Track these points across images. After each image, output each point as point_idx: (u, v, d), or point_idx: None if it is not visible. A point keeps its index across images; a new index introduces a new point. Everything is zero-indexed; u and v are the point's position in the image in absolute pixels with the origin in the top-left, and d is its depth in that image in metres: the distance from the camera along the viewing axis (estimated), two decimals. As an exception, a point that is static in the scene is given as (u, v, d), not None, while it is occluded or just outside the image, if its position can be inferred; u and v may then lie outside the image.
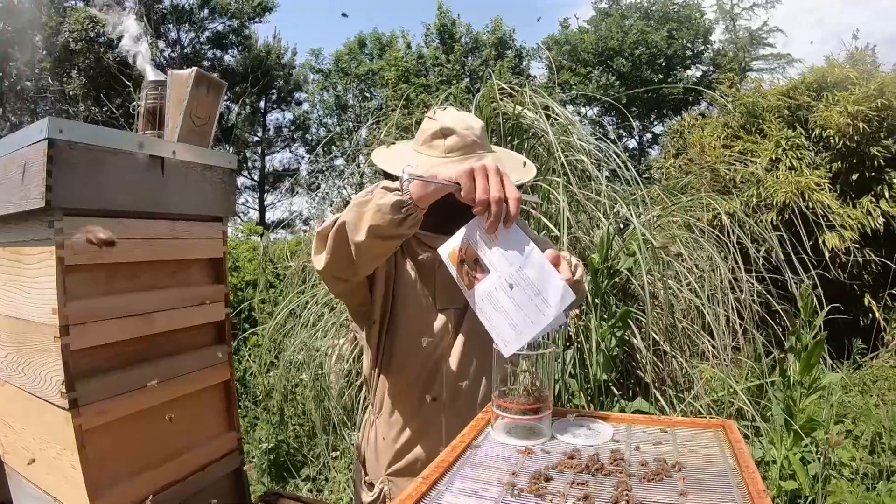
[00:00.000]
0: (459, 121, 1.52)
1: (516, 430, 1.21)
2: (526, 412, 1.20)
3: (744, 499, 0.94)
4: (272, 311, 5.21)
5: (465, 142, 1.49)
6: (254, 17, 20.96)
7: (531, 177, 1.56)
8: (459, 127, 1.50)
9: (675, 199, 4.18)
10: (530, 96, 3.52)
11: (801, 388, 2.88)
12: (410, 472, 1.62)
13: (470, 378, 1.60)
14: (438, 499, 0.96)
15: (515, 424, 1.21)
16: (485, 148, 1.54)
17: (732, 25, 19.94)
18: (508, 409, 1.21)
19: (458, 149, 1.49)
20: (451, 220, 1.41)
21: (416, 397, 1.61)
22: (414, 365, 1.61)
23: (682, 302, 3.36)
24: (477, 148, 1.51)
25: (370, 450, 1.73)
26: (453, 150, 1.49)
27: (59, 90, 15.18)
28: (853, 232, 6.04)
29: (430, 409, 1.61)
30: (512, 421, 1.21)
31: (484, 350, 1.60)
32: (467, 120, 1.54)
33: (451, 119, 1.52)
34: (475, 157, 1.47)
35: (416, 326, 1.61)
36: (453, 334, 1.61)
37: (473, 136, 1.50)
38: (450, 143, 1.49)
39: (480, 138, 1.52)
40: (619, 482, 1.00)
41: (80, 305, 1.29)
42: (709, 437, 1.22)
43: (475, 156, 1.48)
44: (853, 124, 6.21)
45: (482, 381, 1.62)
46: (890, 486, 2.68)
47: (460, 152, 1.49)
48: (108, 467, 1.34)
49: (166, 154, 1.50)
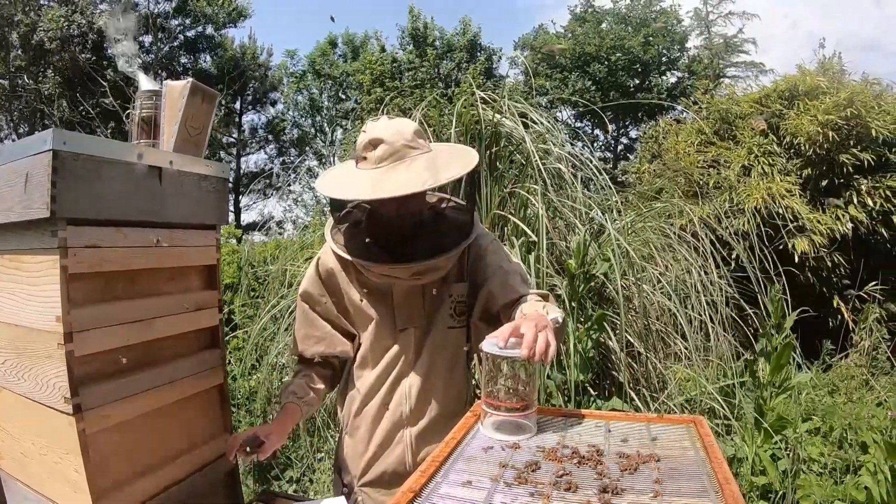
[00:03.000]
0: (389, 128, 1.54)
1: (504, 426, 1.29)
2: (513, 410, 1.28)
3: (713, 486, 1.02)
4: (253, 314, 5.23)
5: (393, 148, 1.51)
6: (228, 22, 20.84)
7: (470, 167, 1.54)
8: (388, 135, 1.52)
9: (649, 205, 4.28)
10: (508, 105, 3.59)
11: (771, 387, 2.99)
12: (381, 484, 1.70)
13: (432, 393, 1.66)
14: (436, 490, 1.03)
15: (503, 421, 1.29)
16: (419, 148, 1.55)
17: (707, 32, 20.23)
18: (497, 407, 1.28)
19: (387, 157, 1.51)
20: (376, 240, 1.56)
21: (380, 413, 1.68)
22: (376, 383, 1.68)
23: (656, 305, 3.45)
24: (408, 151, 1.52)
25: (342, 462, 1.81)
26: (383, 159, 1.51)
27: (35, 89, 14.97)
28: (822, 237, 6.22)
29: (395, 424, 1.68)
30: (500, 417, 1.29)
31: (446, 366, 1.69)
32: (398, 126, 1.55)
33: (380, 129, 1.54)
34: (408, 161, 1.51)
35: (377, 347, 1.69)
36: (415, 352, 1.67)
37: (403, 141, 1.52)
38: (379, 152, 1.51)
39: (411, 141, 1.53)
40: (600, 473, 1.08)
41: (83, 313, 1.32)
42: (681, 432, 1.31)
43: (407, 160, 1.51)
44: (823, 132, 6.40)
45: (444, 395, 1.70)
46: (856, 479, 2.79)
47: (390, 159, 1.51)
48: (110, 471, 1.37)
49: (164, 164, 1.54)
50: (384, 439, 1.68)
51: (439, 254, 1.57)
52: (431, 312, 1.67)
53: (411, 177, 1.47)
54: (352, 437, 1.77)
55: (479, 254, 1.69)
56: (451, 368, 1.72)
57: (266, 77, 22.47)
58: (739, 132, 7.16)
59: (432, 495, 1.02)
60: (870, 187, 6.44)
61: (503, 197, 3.46)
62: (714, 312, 3.53)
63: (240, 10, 20.73)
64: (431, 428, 1.65)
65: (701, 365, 3.34)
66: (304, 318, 1.76)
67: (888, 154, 6.55)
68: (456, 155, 1.63)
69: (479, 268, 1.68)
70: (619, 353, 3.03)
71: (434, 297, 1.67)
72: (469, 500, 1.00)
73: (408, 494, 0.99)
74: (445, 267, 1.63)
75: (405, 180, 1.46)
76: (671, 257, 3.66)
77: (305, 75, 23.00)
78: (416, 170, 1.49)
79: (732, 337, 3.66)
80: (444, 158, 1.56)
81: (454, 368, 1.73)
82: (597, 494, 1.00)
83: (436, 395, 1.67)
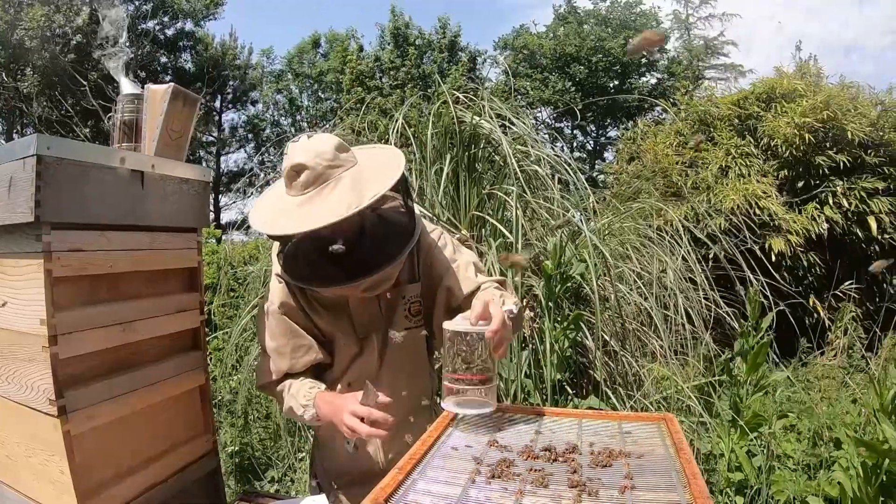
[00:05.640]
0: (309, 152, 1.51)
1: (466, 402, 1.34)
2: (475, 383, 1.32)
3: (682, 480, 1.06)
4: (233, 315, 5.22)
5: (315, 172, 1.49)
6: (207, 14, 20.68)
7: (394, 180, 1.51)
8: (309, 158, 1.50)
9: (627, 205, 4.34)
10: (488, 107, 3.62)
11: (747, 385, 3.06)
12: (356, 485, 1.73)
13: (398, 393, 1.67)
14: (413, 487, 1.06)
15: (465, 396, 1.33)
16: (342, 165, 1.53)
17: (687, 35, 20.43)
18: (460, 382, 1.32)
19: (311, 183, 1.50)
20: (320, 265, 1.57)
21: None
22: (345, 390, 1.70)
23: (633, 305, 3.50)
24: (332, 172, 1.51)
25: (318, 468, 1.86)
26: (308, 186, 1.50)
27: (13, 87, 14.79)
28: (798, 237, 6.33)
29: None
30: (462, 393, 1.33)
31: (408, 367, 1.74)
32: (317, 146, 1.53)
33: (301, 153, 1.51)
34: (332, 182, 1.50)
35: (342, 355, 1.72)
36: (378, 357, 1.71)
37: (325, 163, 1.50)
38: (303, 179, 1.50)
39: (333, 160, 1.52)
40: (572, 469, 1.12)
41: (67, 316, 1.33)
42: (651, 429, 1.35)
43: (332, 181, 1.50)
44: (800, 135, 6.52)
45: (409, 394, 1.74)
46: (829, 475, 2.85)
47: (315, 185, 1.50)
48: (95, 472, 1.38)
49: (146, 168, 1.55)
50: (357, 442, 1.70)
51: (386, 263, 1.54)
52: (389, 317, 1.71)
53: (336, 202, 1.46)
54: (325, 443, 1.80)
55: (428, 252, 1.72)
56: (413, 368, 1.76)
57: (246, 76, 22.33)
58: (717, 133, 7.26)
59: (409, 491, 1.06)
60: (845, 188, 6.57)
61: (482, 198, 3.49)
62: (691, 311, 3.59)
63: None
64: (401, 427, 1.67)
65: (678, 363, 3.40)
66: (288, 329, 1.69)
67: (863, 156, 6.68)
68: (381, 165, 1.59)
69: (432, 266, 1.71)
70: (596, 351, 3.08)
71: (389, 301, 1.70)
72: (445, 495, 1.04)
73: (386, 490, 1.02)
74: (394, 274, 1.63)
75: (329, 208, 1.45)
76: (649, 257, 3.72)
77: (284, 74, 22.89)
78: (342, 192, 1.48)
79: (710, 336, 3.72)
80: (370, 172, 1.54)
81: (416, 367, 1.77)
82: (569, 489, 1.04)
83: (401, 395, 1.70)
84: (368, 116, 4.69)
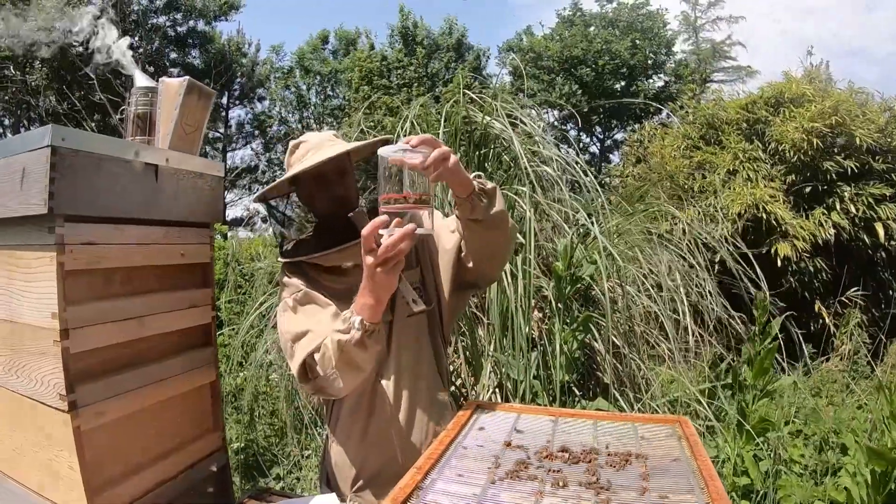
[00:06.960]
0: (309, 135, 1.71)
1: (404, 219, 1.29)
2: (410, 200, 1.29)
3: (698, 482, 1.05)
4: (240, 311, 5.22)
5: (312, 144, 1.66)
6: (220, 15, 20.68)
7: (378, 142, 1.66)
8: (308, 137, 1.69)
9: (634, 208, 4.32)
10: (499, 106, 3.60)
11: (754, 390, 3.04)
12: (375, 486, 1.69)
13: (409, 387, 1.66)
14: (432, 486, 1.05)
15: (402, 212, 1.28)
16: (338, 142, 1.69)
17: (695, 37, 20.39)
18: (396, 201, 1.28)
19: (311, 149, 1.64)
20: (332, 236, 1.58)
21: (363, 417, 1.67)
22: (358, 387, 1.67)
23: (641, 307, 3.49)
24: (328, 143, 1.65)
25: (332, 470, 1.80)
26: (308, 151, 1.64)
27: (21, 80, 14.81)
28: (805, 242, 6.30)
29: (379, 425, 1.67)
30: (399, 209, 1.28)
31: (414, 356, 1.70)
32: (317, 133, 1.73)
33: (301, 137, 1.71)
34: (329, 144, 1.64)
35: None
36: (386, 349, 1.67)
37: (322, 138, 1.68)
38: (301, 150, 1.66)
39: (329, 139, 1.69)
40: (590, 470, 1.11)
41: (79, 310, 1.32)
42: (667, 431, 1.34)
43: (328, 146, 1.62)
44: (808, 139, 6.49)
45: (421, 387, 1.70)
46: (836, 480, 2.84)
47: (313, 150, 1.63)
48: (104, 468, 1.37)
49: (160, 161, 1.55)
50: (372, 442, 1.68)
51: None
52: (392, 305, 1.68)
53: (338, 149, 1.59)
54: (340, 445, 1.78)
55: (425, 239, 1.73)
56: (420, 356, 1.72)
57: (253, 72, 22.32)
58: (725, 137, 7.23)
59: (429, 491, 1.05)
60: (853, 194, 6.54)
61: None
62: (698, 315, 3.57)
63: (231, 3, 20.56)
64: (413, 423, 1.66)
65: (685, 367, 3.38)
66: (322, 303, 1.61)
67: (871, 162, 6.65)
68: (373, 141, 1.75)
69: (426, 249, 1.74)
70: (605, 354, 3.07)
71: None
72: (464, 495, 1.03)
73: (405, 490, 1.01)
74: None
75: (327, 152, 1.57)
76: (656, 260, 3.70)
77: (293, 71, 22.91)
78: (340, 146, 1.62)
79: (716, 339, 3.71)
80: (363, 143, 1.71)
81: (422, 356, 1.73)
82: (587, 490, 1.03)
83: (412, 387, 1.68)
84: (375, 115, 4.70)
